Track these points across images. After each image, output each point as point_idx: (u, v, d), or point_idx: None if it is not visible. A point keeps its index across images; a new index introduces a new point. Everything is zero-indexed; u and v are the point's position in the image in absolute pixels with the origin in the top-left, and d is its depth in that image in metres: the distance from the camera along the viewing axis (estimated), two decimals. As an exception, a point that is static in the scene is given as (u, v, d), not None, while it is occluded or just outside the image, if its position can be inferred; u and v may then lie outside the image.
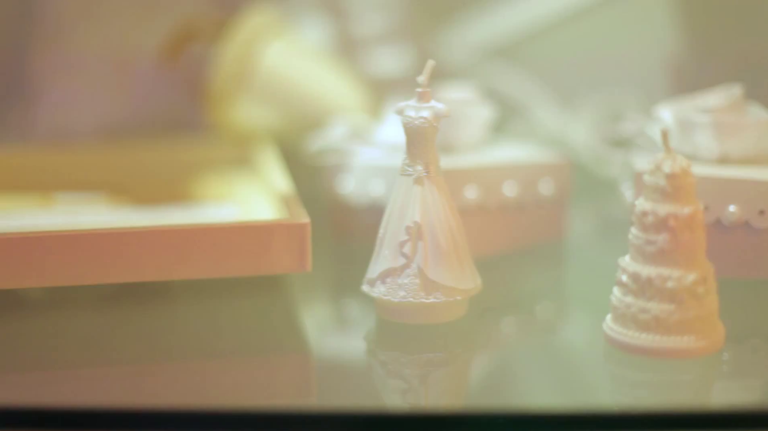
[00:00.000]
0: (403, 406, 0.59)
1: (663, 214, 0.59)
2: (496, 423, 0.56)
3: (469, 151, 0.77)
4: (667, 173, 0.59)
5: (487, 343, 0.66)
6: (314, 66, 0.89)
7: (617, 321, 0.61)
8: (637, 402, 0.58)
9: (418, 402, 0.59)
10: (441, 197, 0.64)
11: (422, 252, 0.63)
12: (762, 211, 0.69)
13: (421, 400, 0.59)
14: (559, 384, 0.61)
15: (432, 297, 0.63)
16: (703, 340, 0.59)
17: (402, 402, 0.59)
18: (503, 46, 1.00)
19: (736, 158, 0.73)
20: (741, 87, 0.75)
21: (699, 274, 0.59)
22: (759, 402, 0.58)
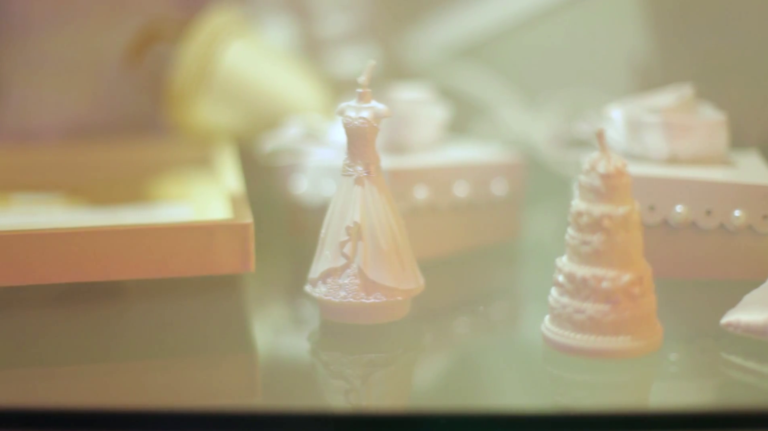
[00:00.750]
0: (346, 406, 0.59)
1: (597, 214, 0.59)
2: (437, 424, 0.57)
3: (423, 151, 0.77)
4: (601, 173, 0.59)
5: (429, 344, 0.66)
6: (275, 66, 0.89)
7: (554, 322, 0.60)
8: (574, 402, 0.58)
9: (361, 402, 0.59)
10: (382, 198, 0.64)
11: (362, 252, 0.63)
12: (709, 211, 0.69)
13: (363, 401, 0.59)
14: (498, 385, 0.61)
15: (372, 298, 0.63)
16: (639, 340, 0.59)
17: (345, 403, 0.59)
18: (469, 46, 0.99)
19: (685, 158, 0.73)
20: (692, 87, 0.75)
21: (635, 274, 0.59)
22: (697, 404, 0.58)
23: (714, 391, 0.60)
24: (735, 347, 0.61)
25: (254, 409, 0.58)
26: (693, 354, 0.63)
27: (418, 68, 0.99)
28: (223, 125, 0.88)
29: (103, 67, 0.94)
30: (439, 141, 0.79)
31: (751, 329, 0.61)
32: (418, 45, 1.00)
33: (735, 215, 0.69)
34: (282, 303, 0.74)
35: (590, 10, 0.98)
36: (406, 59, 0.99)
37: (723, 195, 0.69)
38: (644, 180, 0.69)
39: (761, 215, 0.69)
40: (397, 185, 0.72)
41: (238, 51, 0.88)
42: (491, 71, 0.99)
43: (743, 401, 0.59)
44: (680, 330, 0.64)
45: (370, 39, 0.97)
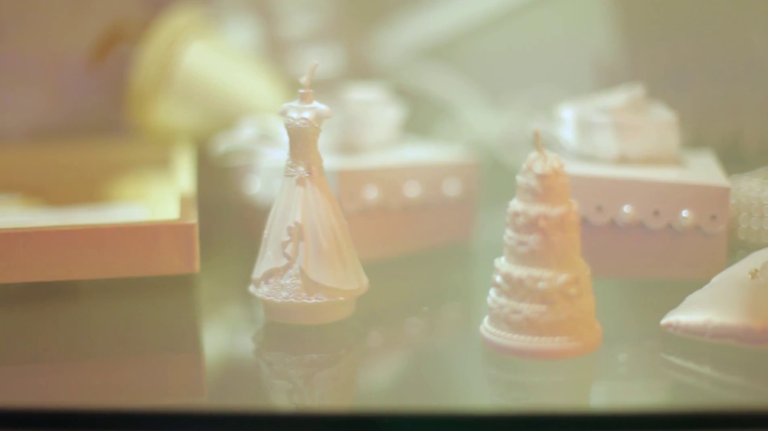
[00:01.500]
0: (289, 406, 0.59)
1: (533, 214, 0.59)
2: (379, 424, 0.57)
3: (376, 151, 0.77)
4: (537, 173, 0.58)
5: (372, 344, 0.66)
6: (236, 67, 0.89)
7: (492, 322, 0.60)
8: (511, 403, 0.58)
9: (304, 402, 0.59)
10: (324, 198, 0.64)
11: (303, 253, 0.63)
12: (657, 211, 0.69)
13: (306, 401, 0.59)
14: (439, 386, 0.61)
15: (314, 298, 0.63)
16: (575, 341, 0.59)
17: (288, 403, 0.59)
18: (433, 46, 0.99)
19: (635, 158, 0.72)
20: (643, 87, 0.75)
21: (571, 275, 0.59)
22: (635, 404, 0.58)
23: (653, 392, 0.60)
24: (675, 348, 0.61)
25: (199, 409, 0.58)
26: (633, 354, 0.62)
27: (382, 68, 0.99)
28: (183, 126, 0.88)
29: (66, 68, 0.94)
30: (393, 141, 0.79)
31: (690, 329, 0.60)
32: (382, 45, 1.00)
33: (683, 215, 0.68)
34: (232, 303, 0.74)
35: (554, 10, 0.98)
36: (371, 59, 0.99)
37: (670, 195, 0.68)
38: (591, 180, 0.69)
39: (709, 215, 0.68)
40: (346, 185, 0.72)
41: (198, 52, 0.88)
42: (456, 71, 0.99)
43: (682, 402, 0.59)
44: (622, 331, 0.64)
45: (334, 39, 0.97)
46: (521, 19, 0.98)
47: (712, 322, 0.60)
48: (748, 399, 0.58)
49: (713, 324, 0.59)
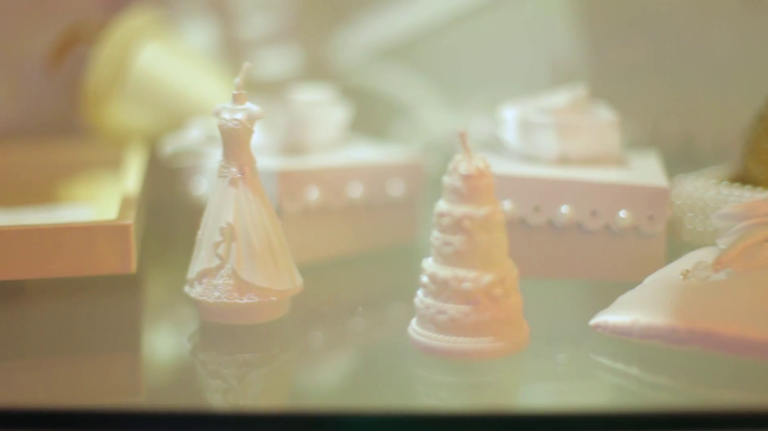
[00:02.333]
0: (224, 406, 0.59)
1: (458, 215, 0.59)
2: (309, 423, 0.57)
3: (321, 152, 0.77)
4: (462, 174, 0.59)
5: (305, 345, 0.66)
6: (190, 68, 0.89)
7: (419, 323, 0.60)
8: (438, 403, 0.58)
9: (238, 401, 0.59)
10: (256, 199, 0.64)
11: (235, 253, 0.63)
12: (594, 212, 0.69)
13: (240, 400, 0.59)
14: (369, 386, 0.61)
15: (246, 298, 0.64)
16: (501, 341, 0.59)
17: (223, 402, 0.59)
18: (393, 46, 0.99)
19: (576, 159, 0.72)
20: (585, 87, 0.75)
21: (496, 275, 0.59)
22: (562, 405, 0.58)
23: (580, 392, 0.60)
24: (604, 348, 0.61)
25: (136, 408, 0.58)
26: (562, 355, 0.63)
27: (341, 69, 0.99)
28: (138, 127, 0.88)
29: (24, 69, 0.95)
30: (340, 142, 0.79)
31: (618, 330, 0.61)
32: (341, 45, 1.01)
33: (620, 216, 0.68)
34: (173, 303, 0.74)
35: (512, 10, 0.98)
36: (329, 60, 1.00)
37: (608, 196, 0.68)
38: (528, 181, 0.69)
39: (647, 216, 0.68)
40: (286, 185, 0.72)
41: (153, 53, 0.88)
42: (414, 72, 0.99)
43: (609, 402, 0.59)
44: (553, 331, 0.64)
45: (292, 40, 0.97)
46: (479, 19, 0.99)
47: (638, 323, 0.60)
48: (674, 399, 0.58)
49: (640, 325, 0.60)
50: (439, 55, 0.99)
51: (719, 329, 0.58)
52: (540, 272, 0.70)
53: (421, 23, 0.99)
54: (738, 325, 0.58)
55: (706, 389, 0.58)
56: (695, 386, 0.59)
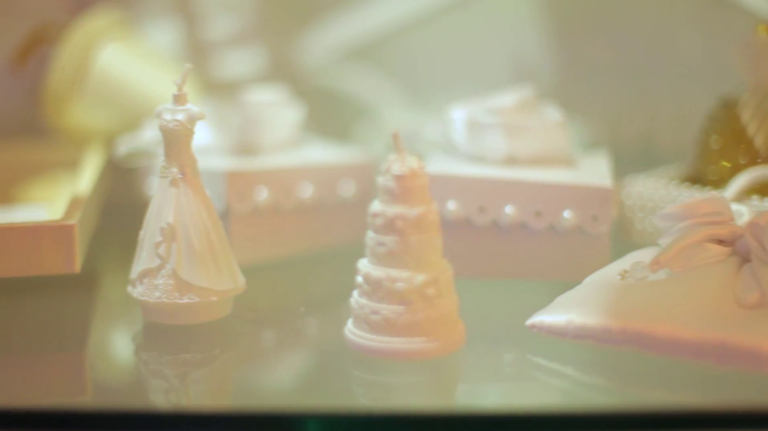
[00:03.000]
0: (166, 405, 0.59)
1: (391, 215, 0.59)
2: (251, 423, 0.57)
3: (274, 152, 0.78)
4: (395, 174, 0.59)
5: (246, 344, 0.66)
6: (151, 69, 0.90)
7: (354, 323, 0.61)
8: (373, 403, 0.58)
9: (180, 401, 0.60)
10: (197, 199, 0.64)
11: (175, 253, 0.64)
12: (539, 212, 0.69)
13: (182, 400, 0.60)
14: (305, 386, 0.61)
15: (186, 298, 0.64)
16: (434, 341, 0.59)
17: (165, 401, 0.60)
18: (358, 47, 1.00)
19: (523, 159, 0.73)
20: (533, 88, 0.75)
21: (429, 275, 0.59)
22: (496, 405, 0.58)
23: (515, 393, 0.60)
24: (541, 348, 0.62)
25: (81, 407, 0.59)
26: (498, 355, 0.63)
27: (305, 70, 1.00)
28: (99, 127, 0.89)
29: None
30: (293, 142, 0.79)
31: (554, 330, 0.61)
32: (306, 47, 1.01)
33: (564, 216, 0.69)
34: (120, 303, 0.75)
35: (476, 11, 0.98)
36: (294, 61, 1.00)
37: (552, 196, 0.68)
38: (473, 181, 0.69)
39: (591, 216, 0.69)
40: (235, 186, 0.73)
41: (113, 54, 0.88)
42: (379, 72, 0.99)
43: (544, 402, 0.59)
44: (491, 331, 0.65)
45: (257, 41, 0.97)
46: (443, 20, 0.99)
47: (573, 323, 0.60)
48: (607, 400, 0.58)
49: (574, 325, 0.60)
50: (403, 56, 1.00)
51: (651, 329, 0.58)
52: (485, 273, 0.70)
53: (385, 24, 0.99)
54: (670, 325, 0.58)
55: (640, 389, 0.59)
56: (629, 386, 0.59)
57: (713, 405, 0.56)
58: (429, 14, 0.98)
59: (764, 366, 0.55)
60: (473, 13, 0.98)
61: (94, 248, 0.76)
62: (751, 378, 0.56)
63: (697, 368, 0.57)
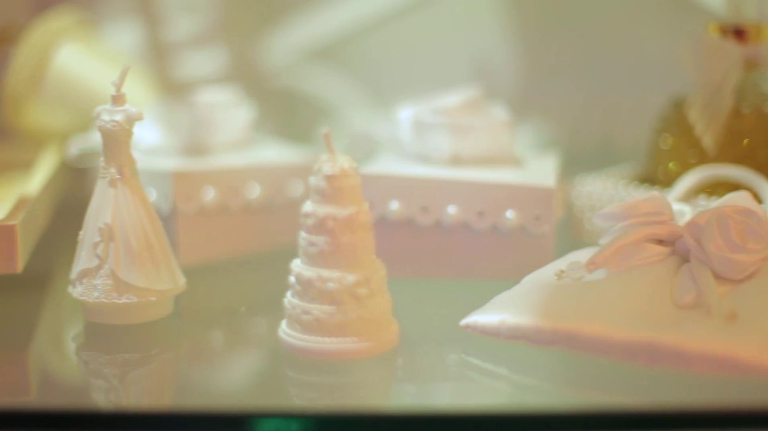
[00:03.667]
0: (107, 405, 0.59)
1: (322, 215, 0.59)
2: (188, 422, 0.57)
3: (224, 153, 0.78)
4: (326, 174, 0.59)
5: (184, 344, 0.66)
6: (109, 70, 0.90)
7: (288, 323, 0.61)
8: (307, 403, 0.58)
9: (120, 401, 0.60)
10: (135, 199, 0.64)
11: (114, 253, 0.64)
12: (481, 212, 0.69)
13: (122, 399, 0.60)
14: (242, 386, 0.61)
15: (124, 298, 0.64)
16: (366, 342, 0.59)
17: (105, 401, 0.60)
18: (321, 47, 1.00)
19: (468, 159, 0.73)
20: (479, 87, 0.75)
21: (361, 275, 0.59)
22: (427, 405, 0.58)
23: (449, 393, 0.60)
24: (476, 348, 0.62)
25: (25, 407, 0.59)
26: (433, 355, 0.63)
27: (268, 70, 1.00)
28: (56, 128, 0.89)
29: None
30: (244, 143, 0.79)
31: (487, 330, 0.61)
32: (268, 47, 1.01)
33: (507, 216, 0.68)
34: (64, 303, 0.75)
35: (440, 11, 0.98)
36: (256, 61, 1.00)
37: (494, 196, 0.68)
38: (416, 181, 0.69)
39: (533, 216, 0.68)
40: (182, 186, 0.73)
41: (71, 54, 0.88)
42: (342, 73, 0.99)
43: (477, 402, 0.59)
44: (428, 332, 0.65)
45: (220, 42, 0.97)
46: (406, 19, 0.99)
47: (506, 323, 0.60)
48: (541, 400, 0.58)
49: (507, 325, 0.60)
50: (365, 56, 1.00)
51: (581, 329, 0.58)
52: (428, 273, 0.70)
53: (348, 24, 0.99)
54: (600, 325, 0.57)
55: (572, 390, 0.59)
56: (562, 386, 0.59)
57: (643, 405, 0.56)
58: (391, 14, 0.98)
59: (691, 366, 0.56)
60: (435, 14, 0.98)
61: (42, 248, 0.76)
62: (681, 378, 0.56)
63: (629, 368, 0.57)
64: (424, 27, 0.98)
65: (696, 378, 0.56)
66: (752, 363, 0.55)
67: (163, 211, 0.73)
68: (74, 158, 0.79)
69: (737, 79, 0.74)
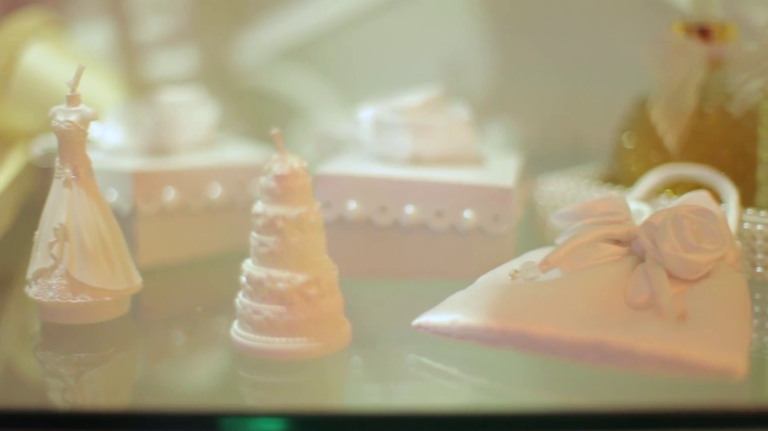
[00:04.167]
0: (63, 404, 0.59)
1: (272, 215, 0.59)
2: (143, 422, 0.57)
3: (187, 153, 0.78)
4: (276, 174, 0.59)
5: (139, 344, 0.66)
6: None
7: (239, 323, 0.61)
8: (258, 403, 0.58)
9: (76, 400, 0.60)
10: (90, 200, 0.64)
11: (68, 253, 0.64)
12: (439, 212, 0.69)
13: (78, 399, 0.60)
14: (194, 386, 0.61)
15: (79, 298, 0.64)
16: (316, 341, 0.59)
17: (62, 401, 0.60)
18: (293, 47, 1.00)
19: (428, 159, 0.72)
20: (441, 87, 0.75)
21: (311, 275, 0.59)
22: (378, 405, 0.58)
23: (402, 393, 0.59)
24: (427, 348, 0.61)
25: None
26: (386, 355, 0.63)
27: (239, 70, 1.00)
28: (25, 128, 0.89)
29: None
30: (208, 143, 0.79)
31: (438, 330, 0.60)
32: (240, 47, 1.01)
33: (465, 216, 0.68)
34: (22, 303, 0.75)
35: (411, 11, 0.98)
36: (228, 61, 1.00)
37: (452, 196, 0.68)
38: (373, 181, 0.69)
39: (491, 216, 0.68)
40: (142, 186, 0.73)
41: (40, 54, 0.88)
42: (313, 73, 0.99)
43: (429, 402, 0.59)
44: (382, 331, 0.65)
45: (191, 42, 0.97)
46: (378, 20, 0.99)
47: (457, 323, 0.59)
48: (490, 400, 0.58)
49: (458, 325, 0.59)
50: (337, 56, 1.00)
51: (531, 330, 0.57)
52: (386, 273, 0.70)
53: (319, 24, 0.99)
54: (549, 326, 0.57)
55: (523, 390, 0.58)
56: (513, 387, 0.59)
57: (593, 405, 0.56)
58: (363, 14, 0.98)
59: (640, 366, 0.55)
60: (406, 14, 0.98)
61: (5, 247, 0.76)
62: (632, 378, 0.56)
63: (579, 368, 0.57)
64: (396, 27, 0.98)
65: (646, 378, 0.56)
66: (700, 363, 0.55)
67: (123, 211, 0.73)
68: (38, 157, 0.79)
69: (700, 78, 0.74)
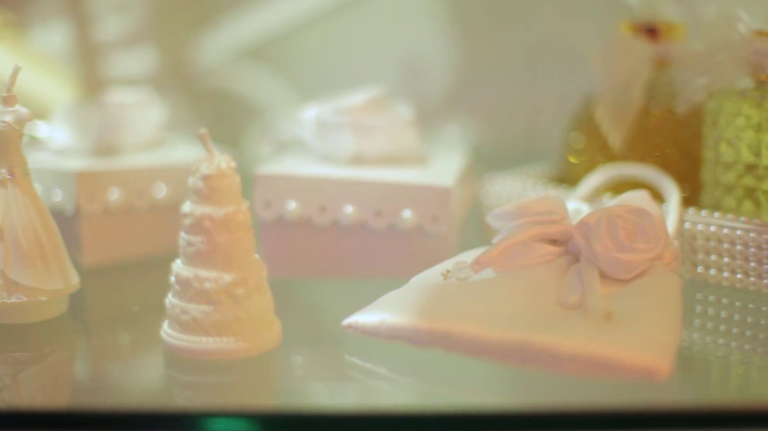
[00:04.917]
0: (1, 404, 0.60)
1: (199, 215, 0.59)
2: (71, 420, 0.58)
3: (134, 153, 0.78)
4: (203, 174, 0.59)
5: (74, 344, 0.66)
6: (35, 71, 0.90)
7: (169, 323, 0.61)
8: (187, 403, 0.59)
9: (12, 399, 0.60)
10: (26, 200, 0.65)
11: (3, 253, 0.64)
12: (379, 212, 0.69)
13: (15, 398, 0.60)
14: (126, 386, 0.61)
15: (14, 297, 0.64)
16: (244, 341, 0.59)
17: None
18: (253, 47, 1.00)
19: (371, 158, 0.72)
20: (383, 87, 0.75)
21: (238, 275, 0.59)
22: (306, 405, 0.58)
23: (331, 392, 0.60)
24: (357, 348, 0.61)
25: None
26: (316, 355, 0.63)
27: (200, 70, 1.00)
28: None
29: None
30: (157, 143, 0.80)
31: (367, 330, 0.60)
32: (200, 47, 1.01)
33: (404, 215, 0.68)
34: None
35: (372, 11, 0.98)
36: (188, 61, 1.00)
37: (391, 196, 0.68)
38: (313, 181, 0.69)
39: (430, 215, 0.68)
40: (85, 186, 0.73)
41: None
42: (272, 73, 1.00)
43: (357, 402, 0.59)
44: (313, 331, 0.65)
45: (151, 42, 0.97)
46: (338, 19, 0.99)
47: (385, 322, 0.59)
48: (416, 400, 0.58)
49: (386, 325, 0.59)
50: (297, 56, 1.00)
51: (457, 330, 0.57)
52: (325, 272, 0.70)
53: (280, 24, 0.99)
54: (475, 326, 0.57)
55: (449, 390, 0.58)
56: (440, 386, 0.59)
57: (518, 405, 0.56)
58: (323, 14, 0.99)
59: (562, 367, 0.55)
60: (366, 14, 0.98)
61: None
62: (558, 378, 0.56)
63: (506, 369, 0.57)
64: (356, 27, 0.98)
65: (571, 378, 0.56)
66: (621, 363, 0.54)
67: (67, 211, 0.74)
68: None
69: (646, 77, 0.74)
